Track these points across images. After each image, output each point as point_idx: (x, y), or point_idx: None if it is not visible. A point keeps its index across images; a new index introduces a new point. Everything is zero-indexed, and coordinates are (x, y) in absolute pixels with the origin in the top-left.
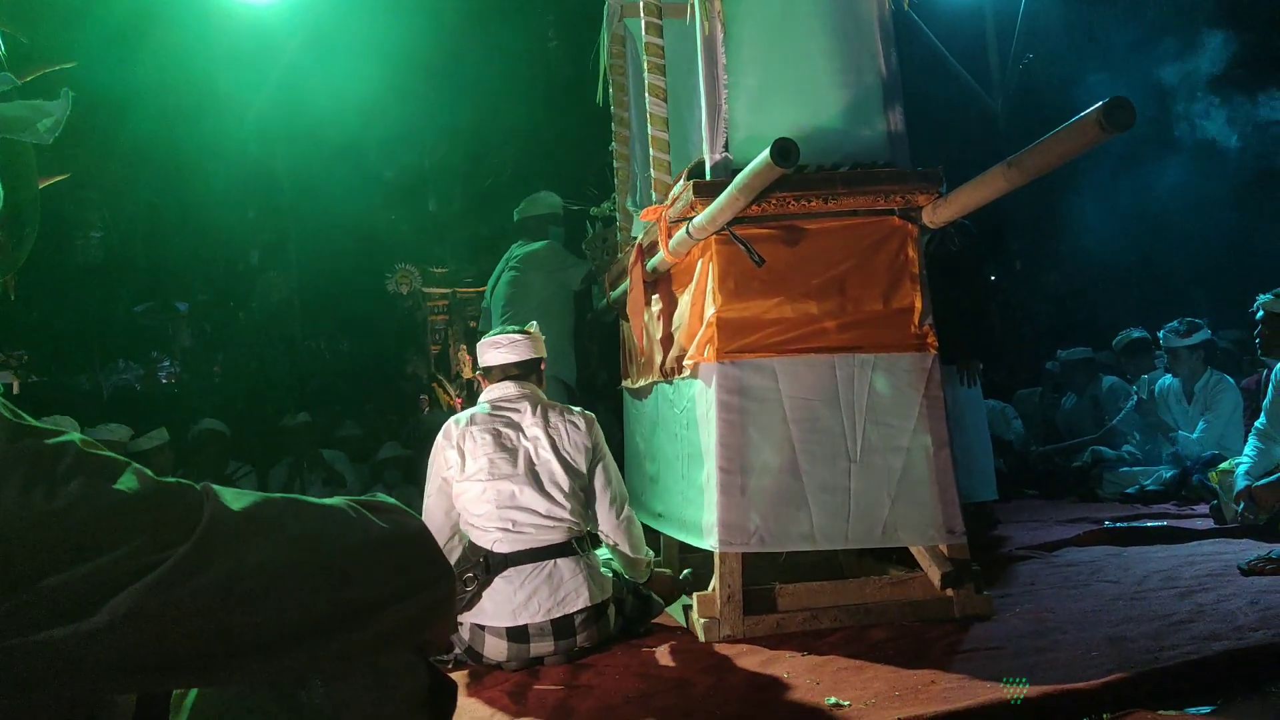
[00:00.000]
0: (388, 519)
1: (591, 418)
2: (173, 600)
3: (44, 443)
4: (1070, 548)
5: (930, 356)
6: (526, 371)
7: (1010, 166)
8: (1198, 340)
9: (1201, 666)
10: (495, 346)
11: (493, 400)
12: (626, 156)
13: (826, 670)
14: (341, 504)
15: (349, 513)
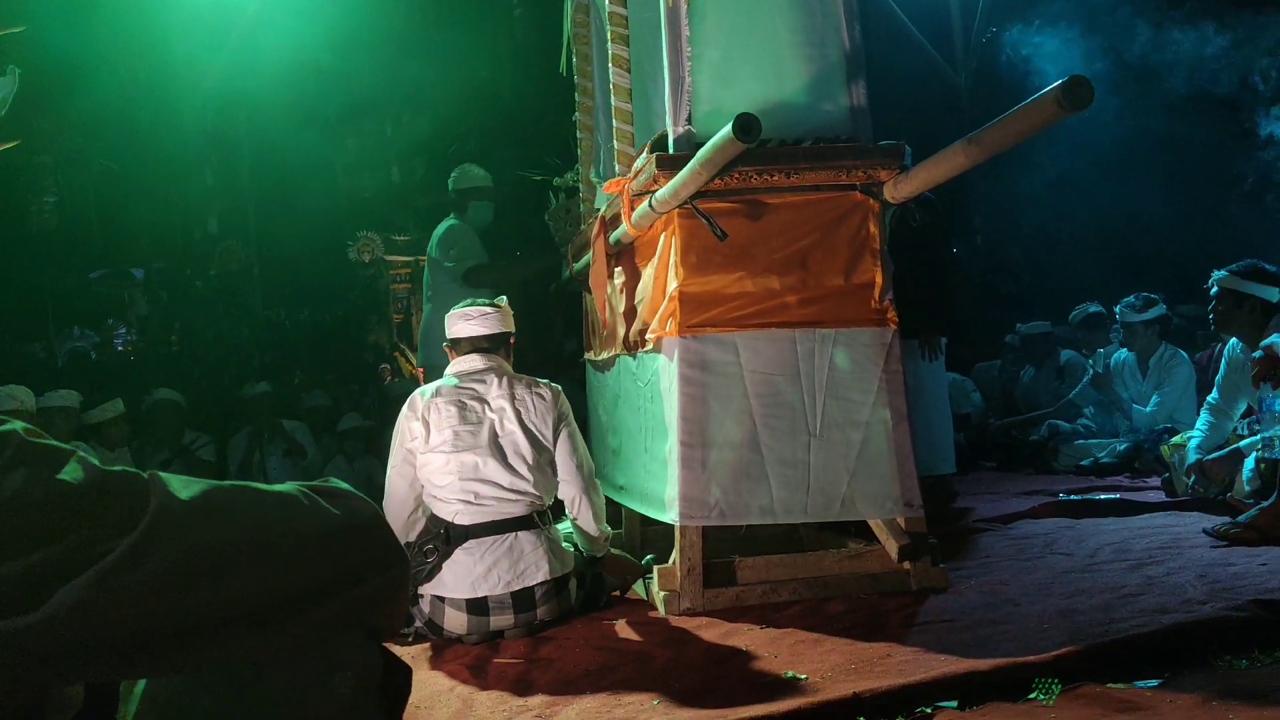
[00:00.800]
0: (341, 505)
1: (558, 390)
2: (120, 588)
3: None
4: (1025, 520)
5: (890, 331)
6: (495, 344)
7: (970, 143)
8: (1153, 315)
9: (1149, 640)
10: (465, 318)
11: (459, 372)
12: (590, 127)
13: (785, 643)
14: (293, 490)
15: (300, 499)
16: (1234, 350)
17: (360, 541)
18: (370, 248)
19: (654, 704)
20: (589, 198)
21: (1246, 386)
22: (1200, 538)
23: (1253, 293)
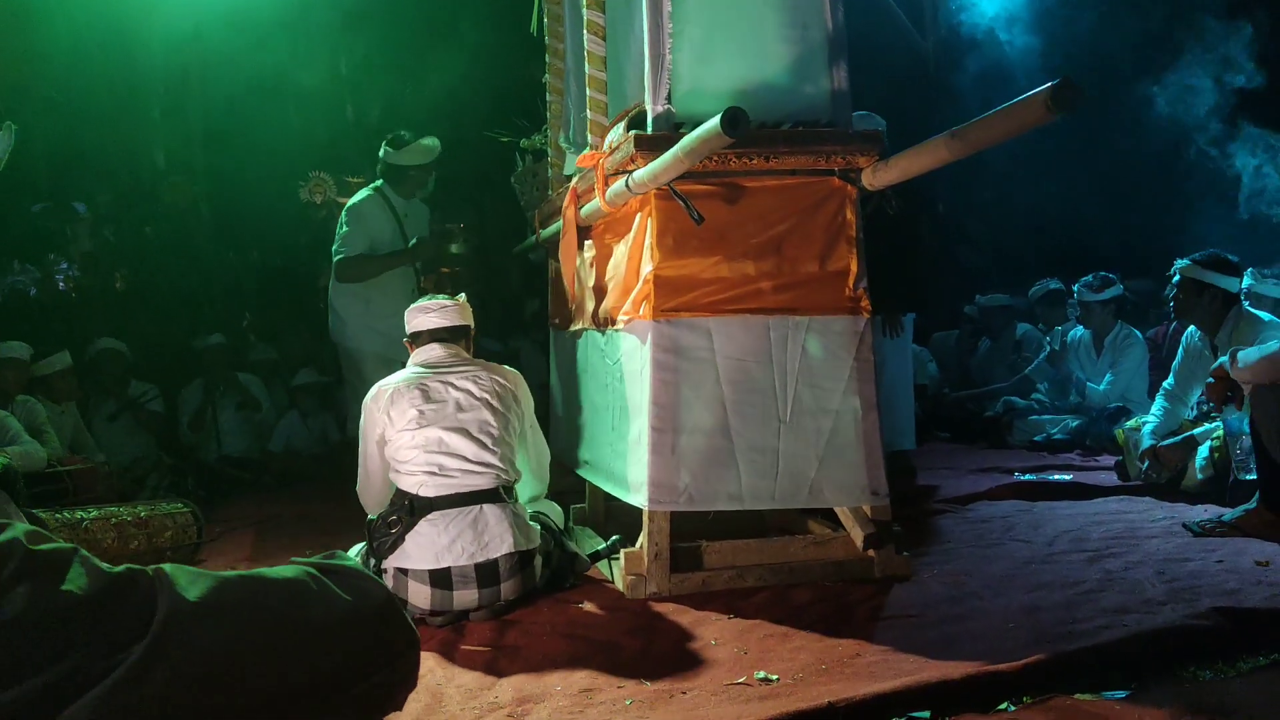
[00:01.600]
0: (350, 587)
1: (519, 376)
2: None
3: None
4: (983, 501)
5: (863, 320)
6: (455, 336)
7: (953, 137)
8: (1109, 296)
9: (1115, 648)
10: (425, 312)
11: (420, 361)
12: (560, 90)
13: (753, 637)
14: (302, 575)
15: (309, 585)
16: (1192, 338)
17: (372, 628)
18: (322, 189)
19: (627, 703)
20: (558, 163)
21: (1202, 375)
22: (1154, 527)
23: (1213, 282)
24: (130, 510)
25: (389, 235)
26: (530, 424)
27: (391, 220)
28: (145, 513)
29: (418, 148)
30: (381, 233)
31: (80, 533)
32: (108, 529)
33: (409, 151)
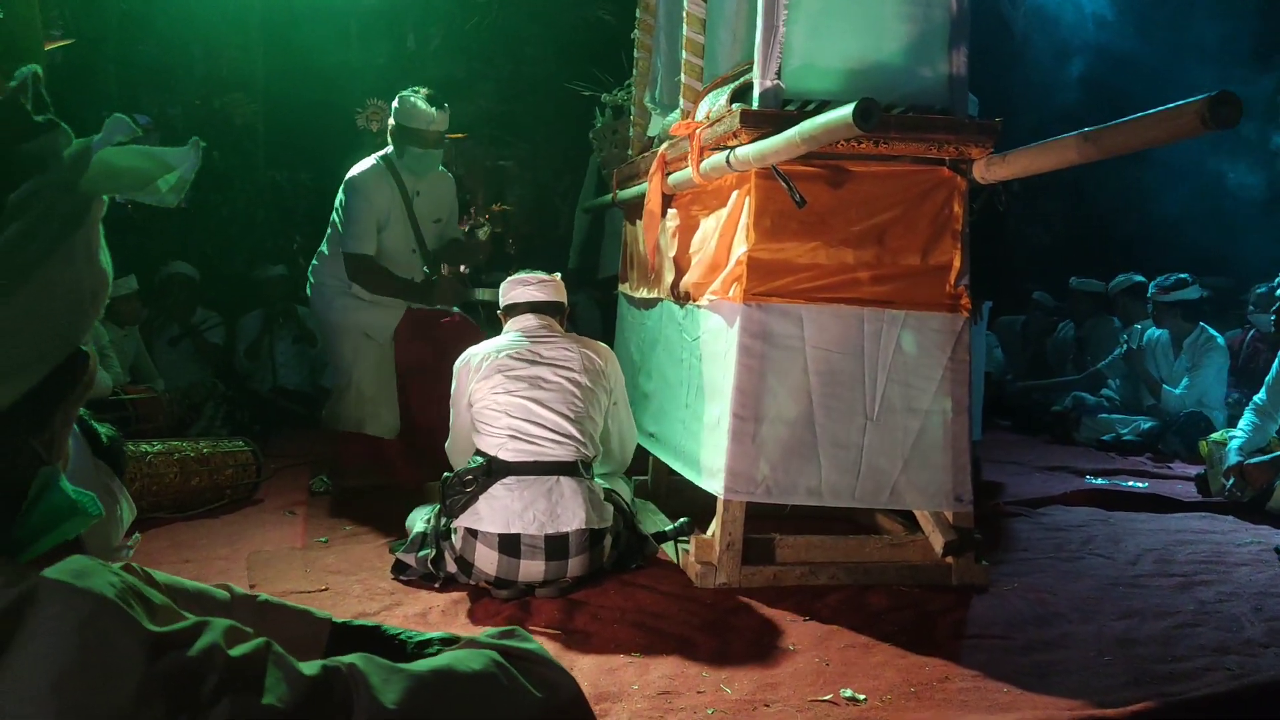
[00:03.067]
0: (539, 680)
1: (610, 352)
2: None
3: (187, 657)
4: (1057, 506)
5: (961, 319)
6: (550, 310)
7: (1087, 140)
8: (1178, 298)
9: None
10: (523, 285)
11: (514, 330)
12: (650, 47)
13: (833, 645)
14: (489, 667)
15: (499, 679)
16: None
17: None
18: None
19: (709, 713)
20: (640, 122)
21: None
22: (1242, 552)
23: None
24: (193, 446)
25: (395, 216)
26: (619, 402)
27: (398, 197)
28: (208, 449)
29: (427, 111)
30: (386, 212)
31: (144, 467)
32: (170, 464)
33: (419, 112)
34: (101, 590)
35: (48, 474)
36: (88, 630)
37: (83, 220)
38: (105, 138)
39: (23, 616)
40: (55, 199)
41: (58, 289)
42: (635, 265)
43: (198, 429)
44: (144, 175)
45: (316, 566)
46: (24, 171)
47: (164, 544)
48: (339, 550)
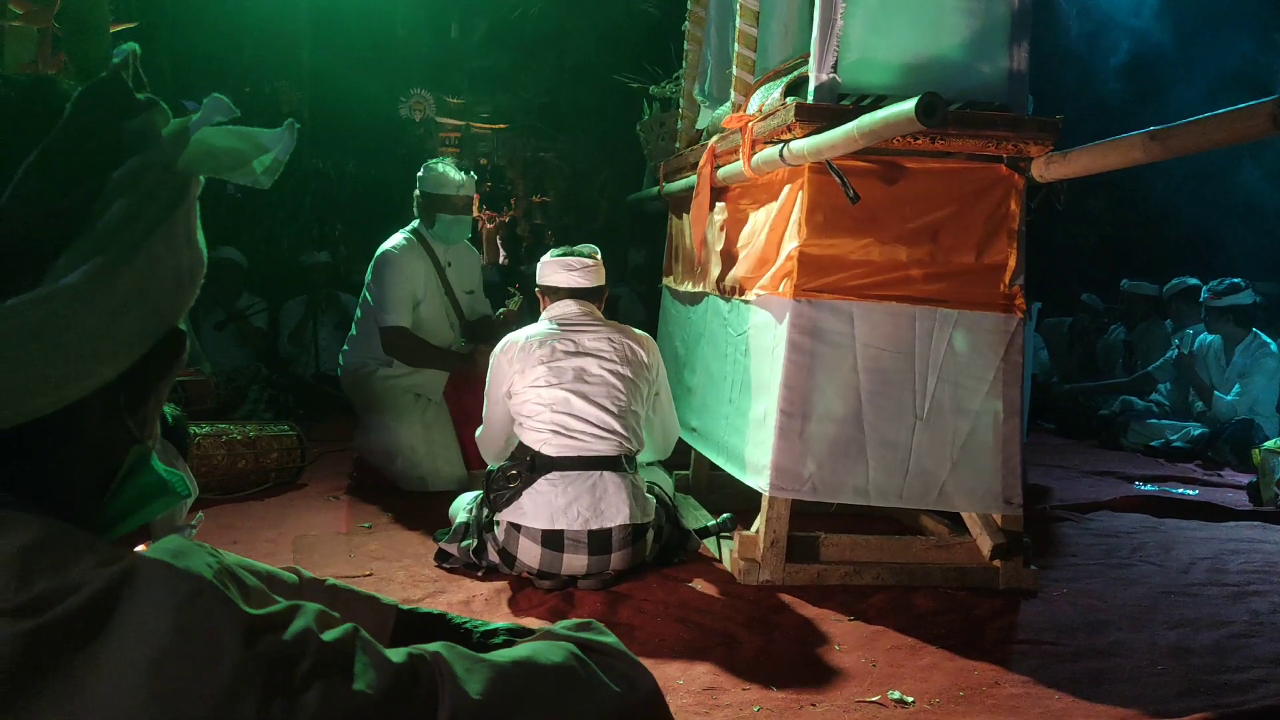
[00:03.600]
0: (617, 674)
1: (653, 342)
2: None
3: (282, 640)
4: (1105, 512)
5: (1015, 319)
6: (591, 296)
7: (1153, 139)
8: (1231, 303)
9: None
10: (566, 268)
11: (554, 317)
12: (700, 40)
13: (880, 646)
14: (569, 660)
15: (578, 671)
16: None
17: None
18: (422, 106)
19: (754, 710)
20: (689, 115)
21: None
22: None
23: None
24: (240, 429)
25: (430, 289)
26: (660, 391)
27: (431, 270)
28: (254, 433)
29: (454, 177)
30: (422, 285)
31: (193, 448)
32: (218, 446)
33: (446, 179)
34: (200, 571)
35: (140, 452)
36: (186, 611)
37: (183, 199)
38: (204, 117)
39: (120, 596)
40: (157, 177)
41: (160, 267)
42: (680, 258)
43: (242, 413)
44: (240, 156)
45: (361, 552)
46: (127, 149)
47: (211, 525)
48: (383, 536)
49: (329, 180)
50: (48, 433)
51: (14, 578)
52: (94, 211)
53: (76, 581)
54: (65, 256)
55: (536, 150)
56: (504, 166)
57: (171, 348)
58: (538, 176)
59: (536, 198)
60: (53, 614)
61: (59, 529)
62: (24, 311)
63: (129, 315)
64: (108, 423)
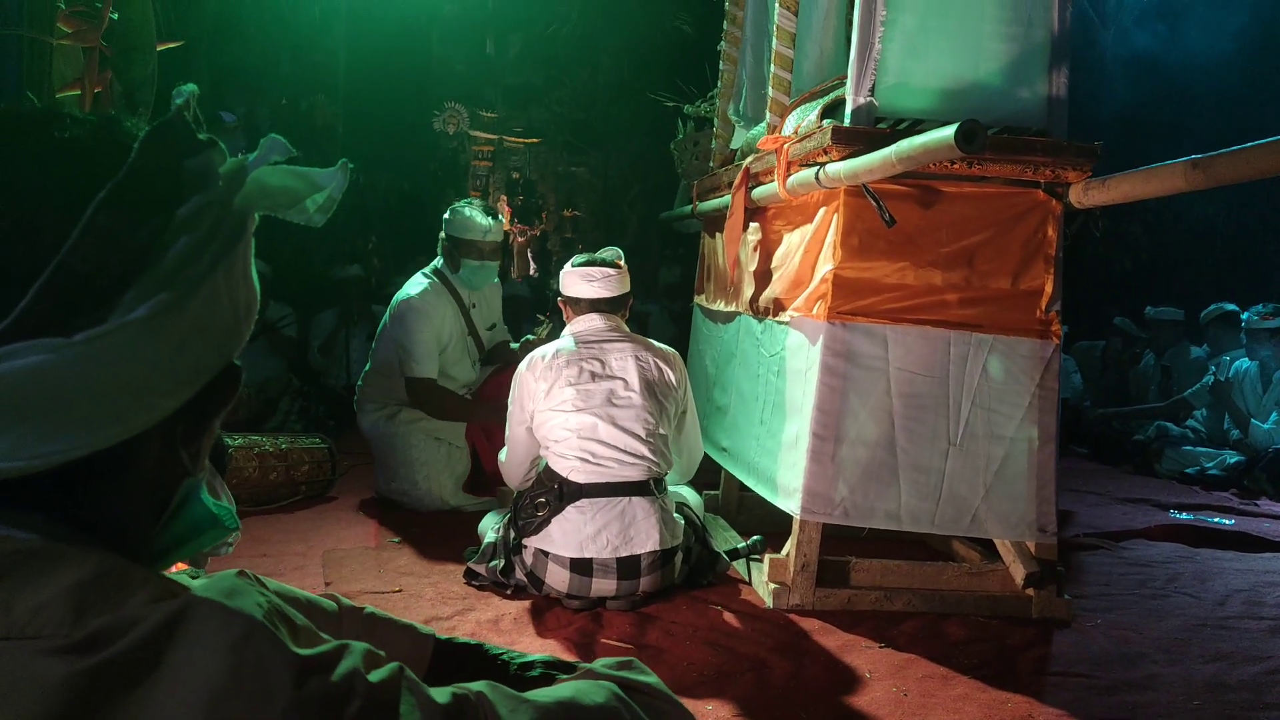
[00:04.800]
0: (659, 715)
1: (678, 357)
2: None
3: (330, 681)
4: (1139, 540)
5: (1052, 346)
6: (615, 306)
7: (1195, 168)
8: (1276, 325)
9: None
10: (587, 279)
11: (578, 334)
12: (735, 59)
13: (911, 675)
14: (611, 701)
15: (622, 714)
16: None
17: None
18: (456, 120)
19: None
20: (723, 135)
21: None
22: None
23: None
24: (272, 441)
25: (455, 332)
26: (686, 410)
27: (456, 314)
28: (285, 445)
29: (481, 223)
30: (448, 331)
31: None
32: (250, 458)
33: (474, 224)
34: (251, 611)
35: (191, 485)
36: (239, 652)
37: (241, 236)
38: (262, 156)
39: (174, 635)
40: (217, 215)
41: (219, 303)
42: (713, 277)
43: (273, 424)
44: (295, 194)
45: (390, 567)
46: (189, 188)
47: (241, 538)
48: (412, 551)
49: (362, 193)
50: (107, 465)
51: (70, 612)
52: (159, 248)
53: (131, 619)
54: (133, 291)
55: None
56: (535, 181)
57: (228, 382)
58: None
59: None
60: (107, 653)
61: (114, 563)
62: (94, 344)
63: (191, 349)
64: (163, 455)
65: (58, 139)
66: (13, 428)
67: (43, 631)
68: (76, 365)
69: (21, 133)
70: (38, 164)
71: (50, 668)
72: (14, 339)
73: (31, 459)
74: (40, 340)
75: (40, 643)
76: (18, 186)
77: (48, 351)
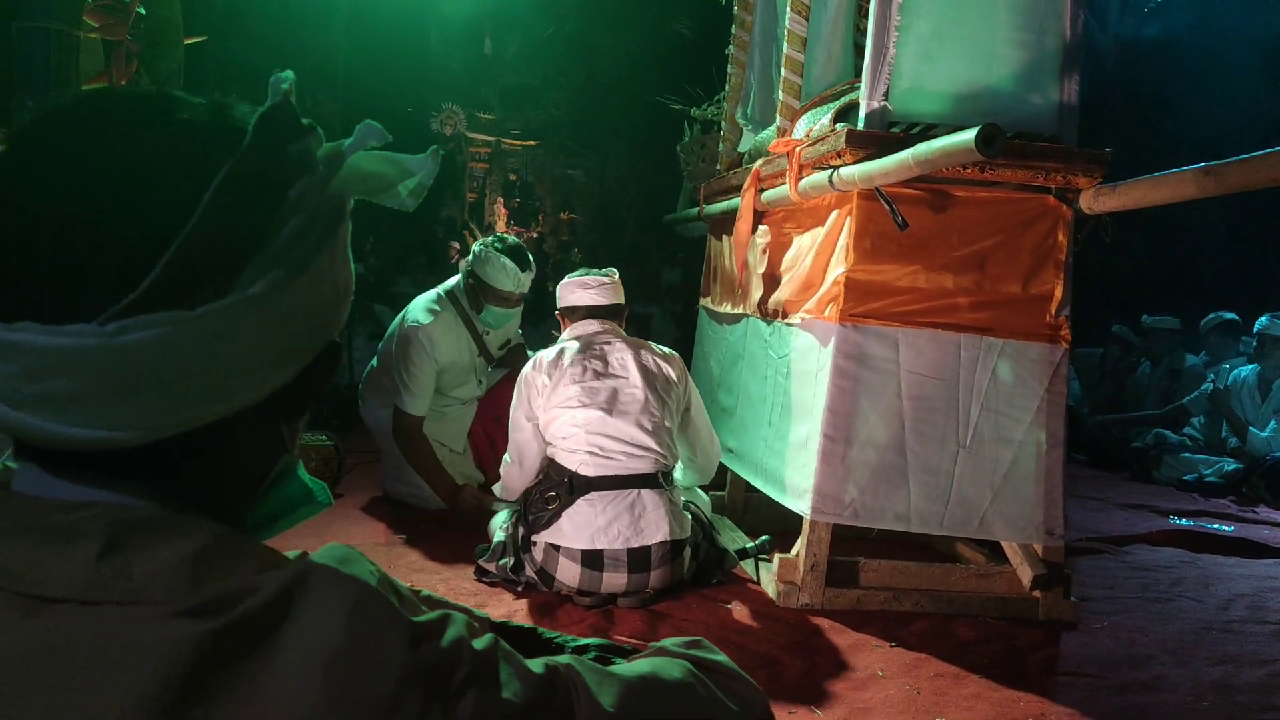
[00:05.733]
0: (732, 694)
1: (677, 355)
2: None
3: (440, 647)
4: (1141, 545)
5: (1061, 350)
6: (612, 314)
7: (1207, 174)
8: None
9: None
10: (584, 287)
11: (578, 336)
12: (743, 63)
13: (923, 675)
14: (688, 678)
15: (699, 691)
16: None
17: None
18: (453, 121)
19: None
20: (730, 138)
21: None
22: None
23: None
24: None
25: (464, 358)
26: (691, 407)
27: (466, 339)
28: None
29: (513, 272)
30: (453, 360)
31: None
32: None
33: (504, 274)
34: (365, 578)
35: (288, 461)
36: (356, 618)
37: (342, 219)
38: (357, 142)
39: (293, 601)
40: (320, 198)
41: (324, 282)
42: (719, 279)
43: None
44: (387, 180)
45: (401, 564)
46: (295, 171)
47: None
48: (422, 548)
49: None
50: (213, 438)
51: (186, 579)
52: (272, 228)
53: (247, 586)
54: (249, 268)
55: (565, 168)
56: (533, 183)
57: (330, 359)
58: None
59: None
60: (229, 616)
61: (223, 532)
62: (213, 318)
63: (299, 326)
64: (265, 430)
65: (177, 120)
66: (134, 397)
67: (161, 596)
68: (196, 338)
69: (143, 114)
70: (161, 145)
71: (176, 628)
72: (139, 311)
73: (151, 429)
74: (163, 313)
75: (160, 607)
76: (143, 166)
77: (170, 324)
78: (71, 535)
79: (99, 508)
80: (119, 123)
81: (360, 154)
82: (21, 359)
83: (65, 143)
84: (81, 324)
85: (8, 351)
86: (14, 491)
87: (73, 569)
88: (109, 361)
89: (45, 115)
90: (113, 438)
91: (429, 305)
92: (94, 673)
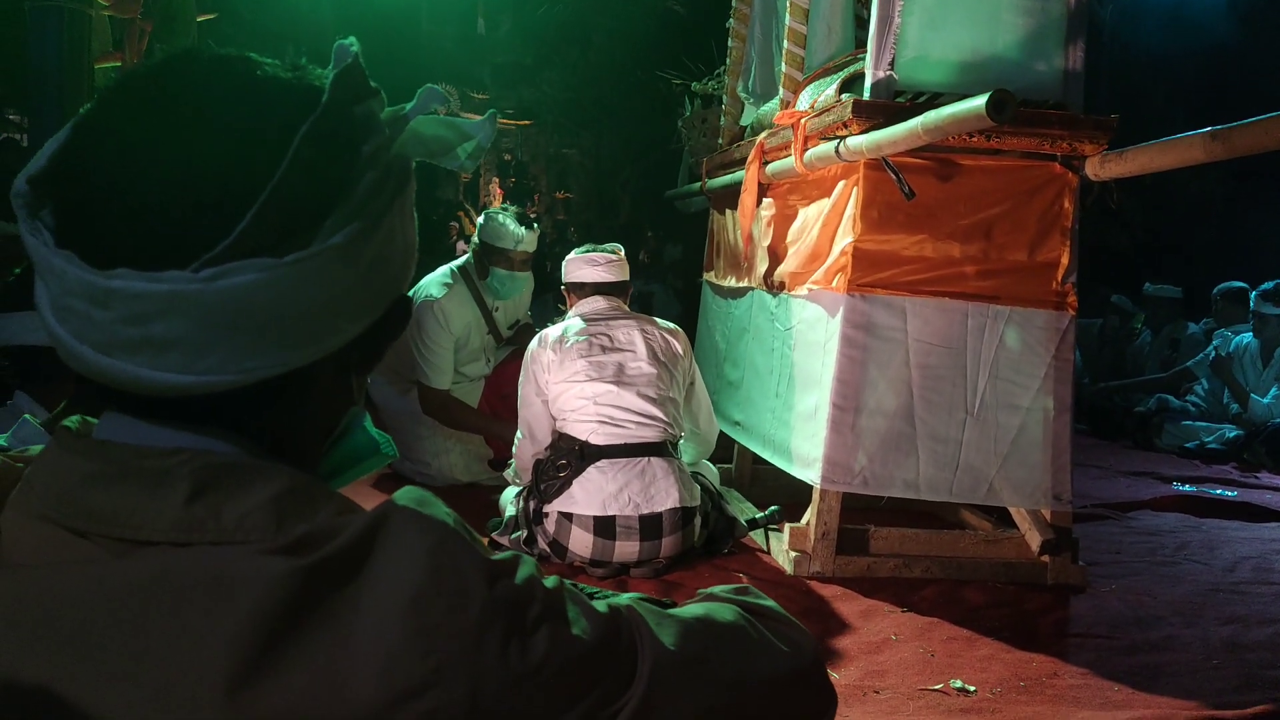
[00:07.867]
0: (784, 637)
1: (682, 333)
2: None
3: (515, 585)
4: (1145, 511)
5: (1067, 317)
6: (617, 290)
7: (1214, 139)
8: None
9: None
10: (591, 264)
11: (584, 314)
12: (744, 36)
13: (935, 638)
14: (740, 620)
15: (749, 631)
16: None
17: (804, 687)
18: (446, 101)
19: None
20: (732, 111)
21: None
22: None
23: None
24: None
25: (474, 333)
26: (695, 382)
27: (477, 316)
28: None
29: (515, 231)
30: (466, 335)
31: None
32: None
33: (506, 232)
34: (444, 519)
35: (356, 413)
36: (437, 556)
37: (409, 178)
38: (420, 106)
39: (377, 540)
40: (389, 158)
41: (395, 237)
42: (723, 253)
43: None
44: (446, 143)
45: None
46: (367, 130)
47: None
48: None
49: None
50: (291, 387)
51: (272, 520)
52: (349, 182)
53: (331, 526)
54: (331, 219)
55: (560, 146)
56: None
57: (400, 313)
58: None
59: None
60: (321, 553)
61: (302, 478)
62: (300, 266)
63: (375, 277)
64: (336, 382)
65: (261, 79)
66: (225, 341)
67: (251, 536)
68: (284, 285)
69: (229, 72)
70: (248, 102)
71: (269, 565)
72: (232, 259)
73: (239, 373)
74: (255, 259)
75: (251, 546)
76: (233, 122)
77: (261, 271)
78: (164, 480)
79: (188, 453)
80: (208, 81)
81: (421, 118)
82: (121, 305)
83: (158, 101)
84: (175, 270)
85: (107, 297)
86: (106, 440)
87: (165, 512)
88: (206, 305)
89: (133, 75)
90: (206, 381)
91: (442, 280)
92: (187, 610)
